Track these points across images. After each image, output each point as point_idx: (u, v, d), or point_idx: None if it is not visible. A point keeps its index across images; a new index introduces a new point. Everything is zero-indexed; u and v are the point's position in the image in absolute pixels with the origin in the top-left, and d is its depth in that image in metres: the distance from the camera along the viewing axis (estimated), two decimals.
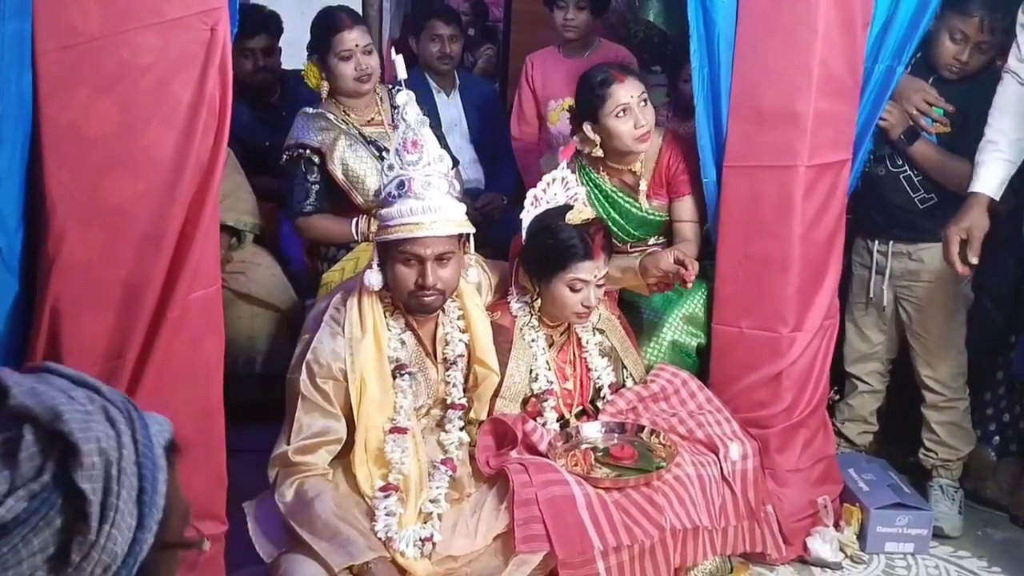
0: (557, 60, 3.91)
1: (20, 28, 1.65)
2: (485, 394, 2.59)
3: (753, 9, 2.76)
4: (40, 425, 0.86)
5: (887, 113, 2.93)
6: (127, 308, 1.92)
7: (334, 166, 3.15)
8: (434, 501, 2.42)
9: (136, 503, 0.90)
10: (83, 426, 0.87)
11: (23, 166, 1.74)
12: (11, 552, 0.82)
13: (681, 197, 3.06)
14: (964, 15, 2.85)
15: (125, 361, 1.93)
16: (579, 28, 3.80)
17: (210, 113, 1.94)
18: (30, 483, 0.84)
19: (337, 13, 3.26)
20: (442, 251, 2.34)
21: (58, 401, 0.88)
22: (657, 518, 2.44)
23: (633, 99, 2.89)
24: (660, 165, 3.06)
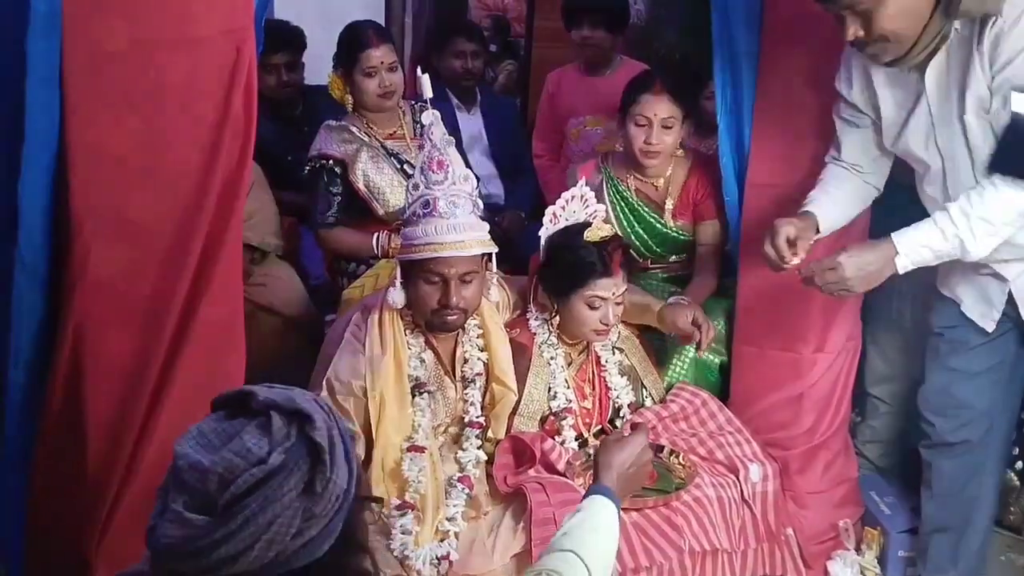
0: (579, 78, 3.93)
1: (48, 46, 1.66)
2: (503, 412, 2.58)
3: (776, 29, 2.75)
4: (282, 409, 1.23)
5: None
6: (150, 325, 1.93)
7: (356, 177, 3.18)
8: (451, 519, 2.41)
9: (345, 460, 1.27)
10: (310, 406, 1.25)
11: (49, 183, 1.76)
12: (278, 488, 1.19)
13: (705, 221, 3.11)
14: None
15: (148, 377, 1.94)
16: (597, 46, 3.80)
17: (235, 132, 1.95)
18: (284, 443, 1.21)
19: (365, 29, 3.28)
20: (466, 270, 2.35)
21: (290, 393, 1.27)
22: (676, 540, 2.43)
23: (656, 117, 2.96)
24: (688, 187, 3.11)
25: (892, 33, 2.12)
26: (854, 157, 2.53)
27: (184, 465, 1.21)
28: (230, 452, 1.20)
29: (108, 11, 1.73)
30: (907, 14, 2.09)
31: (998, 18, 2.05)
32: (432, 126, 2.31)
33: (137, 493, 1.95)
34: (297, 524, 1.20)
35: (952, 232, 2.15)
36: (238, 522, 1.17)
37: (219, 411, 1.28)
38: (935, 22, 2.11)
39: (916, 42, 2.14)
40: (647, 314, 2.81)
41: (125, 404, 1.93)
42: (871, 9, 2.08)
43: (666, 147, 3.01)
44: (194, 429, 1.25)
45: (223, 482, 1.18)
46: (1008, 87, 2.08)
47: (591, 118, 3.89)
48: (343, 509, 1.26)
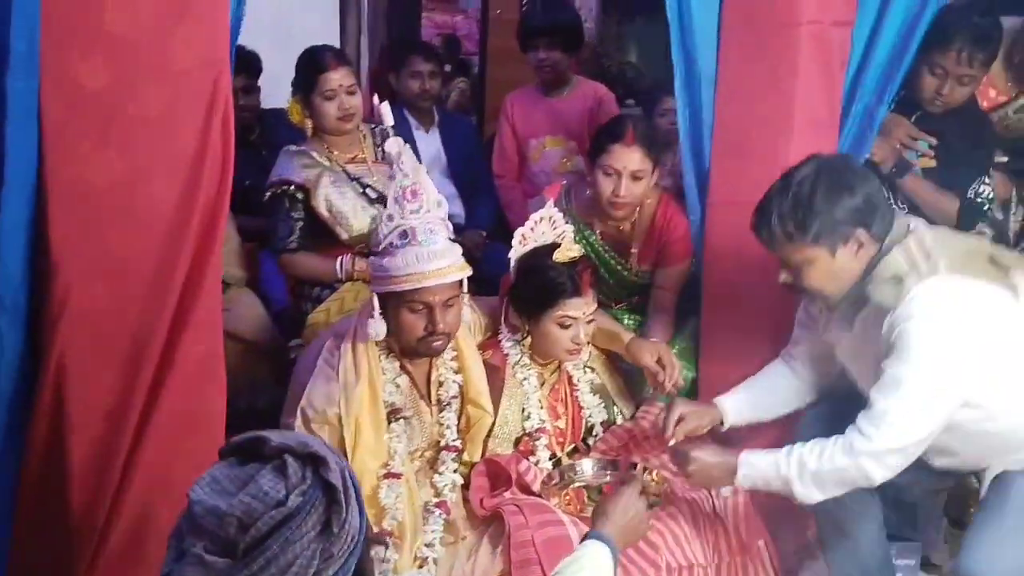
0: (536, 99, 3.95)
1: (28, 86, 1.65)
2: (479, 435, 2.59)
3: (734, 50, 2.81)
4: (295, 452, 1.26)
5: (876, 149, 2.98)
6: (132, 361, 1.91)
7: (318, 202, 3.16)
8: (429, 545, 2.42)
9: (356, 501, 1.30)
10: (323, 448, 1.29)
11: (29, 220, 1.73)
12: (297, 529, 1.22)
13: (666, 266, 3.10)
14: (942, 49, 2.90)
15: (130, 413, 1.92)
16: (553, 68, 3.83)
17: (213, 164, 1.94)
18: (300, 485, 1.24)
19: (323, 53, 3.27)
20: (449, 296, 2.36)
21: (301, 437, 1.32)
22: (653, 557, 2.45)
23: (625, 169, 2.91)
24: (654, 229, 3.10)
25: (814, 288, 2.28)
26: (798, 352, 2.63)
27: (200, 511, 1.22)
28: (248, 496, 1.22)
29: (87, 49, 1.72)
30: (833, 278, 2.25)
31: (892, 317, 2.16)
32: (402, 155, 2.31)
33: (123, 530, 1.94)
34: (316, 565, 1.23)
35: (785, 472, 2.26)
36: (260, 563, 1.20)
37: (229, 458, 1.30)
38: (854, 291, 2.25)
39: (843, 297, 2.29)
40: (615, 342, 2.84)
41: (108, 440, 1.91)
42: (799, 267, 2.24)
43: (635, 198, 2.97)
44: (207, 476, 1.27)
45: (242, 526, 1.21)
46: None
47: (550, 138, 3.92)
48: (357, 549, 1.29)
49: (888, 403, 2.14)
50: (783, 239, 2.22)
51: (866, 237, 2.20)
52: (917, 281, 2.13)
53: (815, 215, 2.17)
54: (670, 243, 3.07)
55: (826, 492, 2.25)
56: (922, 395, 2.11)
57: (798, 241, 2.20)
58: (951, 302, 2.13)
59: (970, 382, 2.12)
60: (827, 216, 2.17)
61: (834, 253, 2.21)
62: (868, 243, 2.21)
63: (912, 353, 2.10)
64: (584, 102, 3.92)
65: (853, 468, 2.18)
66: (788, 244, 2.22)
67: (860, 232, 2.20)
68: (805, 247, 2.21)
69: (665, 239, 3.07)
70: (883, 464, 2.17)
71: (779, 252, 2.26)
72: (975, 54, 2.89)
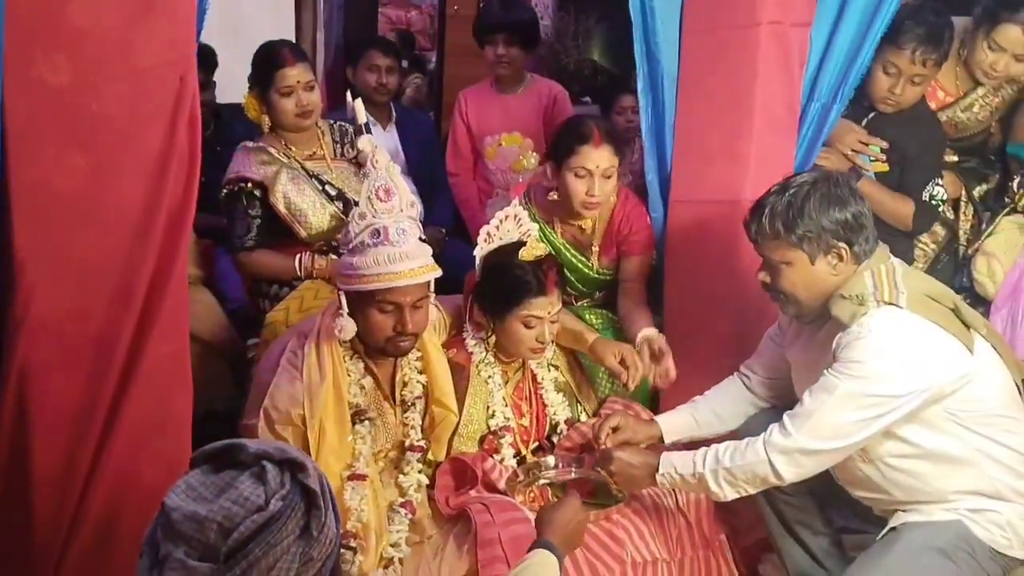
0: (491, 96, 3.94)
1: None
2: (444, 435, 2.59)
3: (695, 50, 2.85)
4: (273, 458, 1.28)
5: (824, 159, 3.03)
6: (97, 365, 1.88)
7: (276, 199, 3.11)
8: (395, 545, 2.41)
9: (332, 506, 1.32)
10: (299, 453, 1.32)
11: None
12: (278, 532, 1.23)
13: (629, 257, 3.09)
14: (896, 48, 2.96)
15: (95, 418, 1.89)
16: (512, 64, 3.83)
17: (180, 163, 1.91)
18: (280, 490, 1.26)
19: (280, 49, 3.22)
20: (418, 297, 2.36)
21: (279, 444, 1.35)
22: (618, 552, 2.47)
23: (598, 168, 2.88)
24: (612, 225, 3.09)
25: (788, 293, 2.33)
26: (759, 366, 2.67)
27: (179, 517, 1.23)
28: (228, 501, 1.23)
29: (50, 44, 1.68)
30: (808, 286, 2.29)
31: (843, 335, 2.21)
32: (376, 153, 2.29)
33: (88, 534, 1.90)
34: (296, 568, 1.25)
35: (700, 470, 2.31)
36: (242, 567, 1.21)
37: (202, 465, 1.31)
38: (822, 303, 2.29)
39: (812, 309, 2.33)
40: (579, 342, 2.85)
41: (72, 446, 1.87)
42: (779, 266, 2.30)
43: (607, 196, 2.96)
44: (182, 483, 1.27)
45: (223, 530, 1.21)
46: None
47: (506, 135, 3.92)
48: (335, 552, 1.31)
49: (815, 404, 2.19)
50: (769, 235, 2.27)
51: (847, 253, 2.25)
52: (875, 306, 2.19)
53: (804, 217, 2.22)
54: (630, 237, 3.07)
55: (738, 490, 2.30)
56: (851, 404, 2.16)
57: (782, 239, 2.26)
58: (902, 332, 2.18)
59: (900, 412, 2.16)
60: (815, 221, 2.22)
61: (813, 260, 2.26)
62: (847, 260, 2.26)
63: (852, 366, 2.16)
64: (539, 100, 3.92)
65: (765, 463, 2.22)
66: (772, 241, 2.28)
67: (842, 247, 2.25)
68: (787, 247, 2.26)
69: (625, 233, 3.07)
70: (794, 462, 2.22)
71: (763, 249, 2.32)
72: (928, 54, 2.96)
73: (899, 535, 2.27)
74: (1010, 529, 2.23)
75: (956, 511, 2.24)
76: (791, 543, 2.60)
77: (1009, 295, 3.07)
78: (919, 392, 2.15)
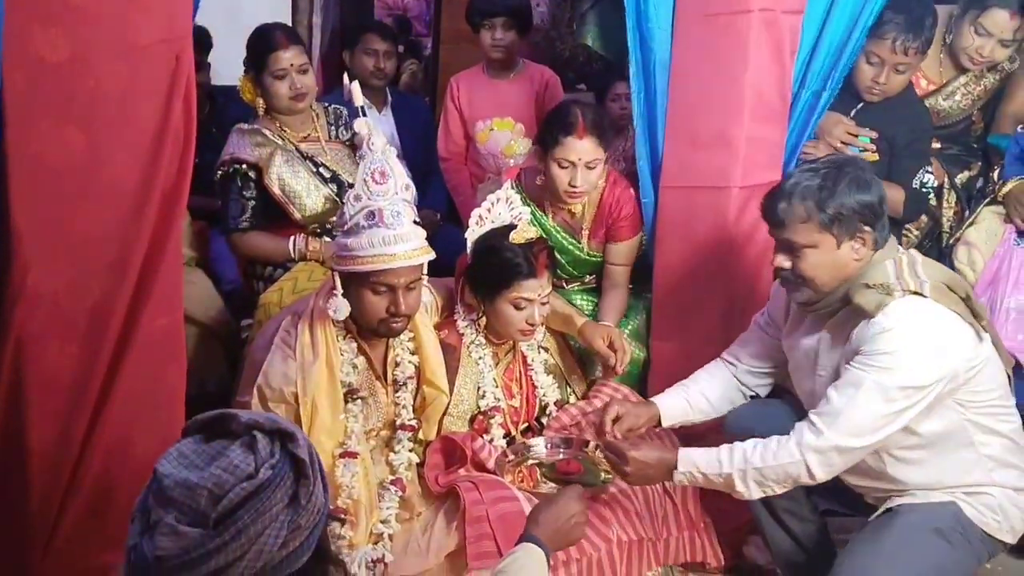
0: (483, 81, 3.94)
1: None
2: (434, 414, 2.62)
3: (688, 36, 2.87)
4: (264, 428, 1.31)
5: (814, 149, 3.05)
6: (92, 337, 1.90)
7: (271, 181, 3.14)
8: (384, 522, 2.44)
9: (321, 476, 1.34)
10: (291, 425, 1.34)
11: None
12: (267, 500, 1.25)
13: (619, 242, 3.12)
14: (878, 38, 2.98)
15: (90, 390, 1.91)
16: (507, 48, 3.84)
17: (175, 141, 1.93)
18: (269, 460, 1.28)
19: (274, 31, 3.24)
20: (412, 279, 2.38)
21: (269, 415, 1.36)
22: (604, 531, 2.50)
23: (580, 161, 2.88)
24: (602, 209, 3.11)
25: (811, 279, 2.27)
26: (745, 355, 2.66)
27: (170, 484, 1.25)
28: (219, 469, 1.25)
29: (48, 22, 1.69)
30: (829, 270, 2.25)
31: (867, 326, 2.19)
32: (372, 135, 2.32)
33: (82, 505, 1.93)
34: (284, 535, 1.27)
35: (727, 470, 2.27)
36: (231, 533, 1.22)
37: (195, 435, 1.33)
38: (843, 288, 2.26)
39: (828, 296, 2.29)
40: (569, 325, 2.89)
41: (67, 418, 1.89)
42: (802, 250, 2.24)
43: (591, 186, 2.96)
44: (173, 451, 1.30)
45: (213, 497, 1.24)
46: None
47: (498, 120, 3.92)
48: (322, 521, 1.33)
49: (844, 400, 2.17)
50: (798, 218, 2.22)
51: (870, 239, 2.23)
52: (901, 295, 2.17)
53: (836, 199, 2.19)
54: (619, 221, 3.10)
55: (765, 490, 2.28)
56: (881, 397, 2.14)
57: (812, 221, 2.21)
58: (930, 322, 2.17)
59: (925, 402, 2.16)
60: (845, 204, 2.19)
61: (840, 244, 2.22)
62: (868, 245, 2.24)
63: (880, 358, 2.14)
64: (531, 85, 3.93)
65: (798, 464, 2.20)
66: (801, 224, 2.22)
67: (867, 231, 2.22)
68: (816, 230, 2.22)
69: (614, 217, 3.10)
70: (828, 461, 2.21)
71: (787, 232, 2.25)
72: (909, 43, 2.98)
73: (894, 516, 2.29)
74: (1001, 513, 2.26)
75: (951, 493, 2.27)
76: (776, 528, 2.62)
77: (988, 284, 3.10)
78: (943, 381, 2.15)
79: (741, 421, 2.59)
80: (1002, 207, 3.04)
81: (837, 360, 2.30)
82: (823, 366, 2.36)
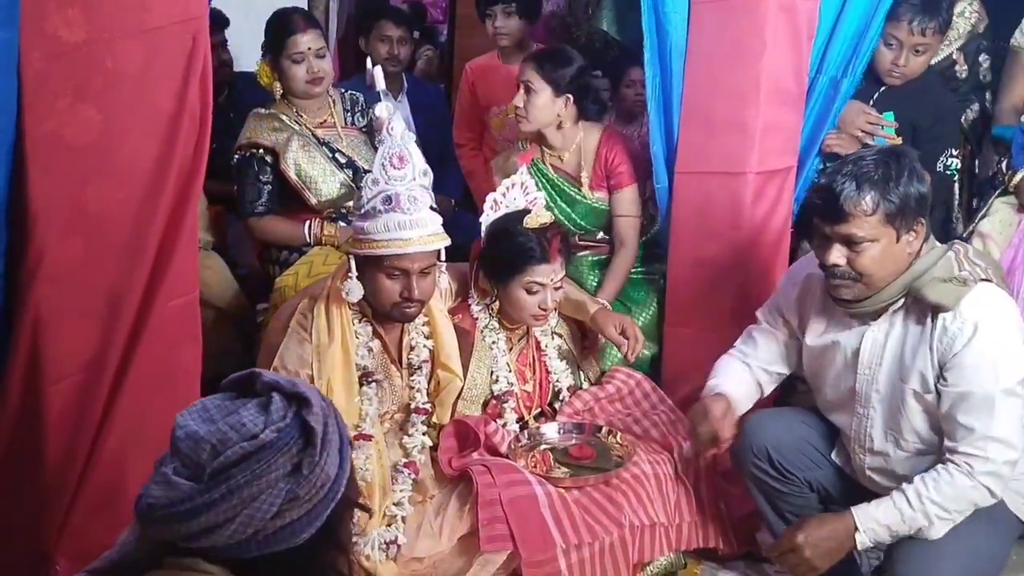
0: (496, 67, 3.93)
1: (7, 37, 1.63)
2: (448, 398, 2.63)
3: (704, 21, 2.86)
4: (283, 391, 1.27)
5: (837, 140, 3.01)
6: (108, 316, 1.91)
7: (287, 166, 3.16)
8: (398, 504, 2.46)
9: (338, 453, 1.29)
10: (311, 391, 1.29)
11: (7, 175, 1.72)
12: (266, 464, 1.21)
13: (620, 189, 3.18)
14: (894, 20, 2.94)
15: (106, 368, 1.93)
16: (511, 35, 3.81)
17: (191, 121, 1.95)
18: (278, 423, 1.24)
19: (292, 15, 3.26)
20: (426, 264, 2.39)
21: (295, 380, 1.32)
22: (616, 515, 2.50)
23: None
24: (599, 158, 3.18)
25: (867, 273, 2.20)
26: (756, 358, 2.61)
27: (181, 434, 1.24)
28: (226, 425, 1.23)
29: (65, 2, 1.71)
30: (886, 265, 2.19)
31: (949, 321, 2.17)
32: (391, 120, 2.32)
33: (97, 484, 1.95)
34: (279, 504, 1.22)
35: (909, 516, 2.21)
36: (221, 491, 1.19)
37: (228, 391, 1.32)
38: (899, 283, 2.22)
39: (880, 292, 2.24)
40: (581, 312, 2.89)
41: (84, 396, 1.91)
42: (864, 244, 2.17)
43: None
44: (198, 403, 1.29)
45: (214, 452, 1.21)
46: (952, 394, 2.20)
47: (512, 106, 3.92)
48: (328, 499, 1.27)
49: (985, 421, 2.15)
50: (862, 212, 2.14)
51: (922, 231, 2.20)
52: (975, 283, 2.16)
53: (901, 190, 2.15)
54: (617, 168, 3.17)
55: (954, 521, 2.22)
56: (1015, 405, 2.16)
57: (878, 214, 2.15)
58: (1008, 309, 2.18)
59: None
60: (910, 195, 2.15)
61: (899, 237, 2.17)
62: (920, 238, 2.21)
63: (990, 368, 2.14)
64: None
65: (978, 489, 2.18)
66: (862, 219, 2.15)
67: (921, 223, 2.19)
68: (881, 223, 2.16)
69: (612, 166, 3.16)
70: (1001, 479, 2.19)
71: (849, 227, 2.17)
72: (926, 23, 2.94)
73: None
74: None
75: None
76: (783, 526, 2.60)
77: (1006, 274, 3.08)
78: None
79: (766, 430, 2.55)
80: (1014, 197, 3.01)
81: (900, 357, 2.27)
82: (869, 364, 2.33)
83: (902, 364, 2.28)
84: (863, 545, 2.28)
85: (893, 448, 2.36)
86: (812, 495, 2.56)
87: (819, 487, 2.55)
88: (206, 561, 1.23)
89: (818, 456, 2.56)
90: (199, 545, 1.21)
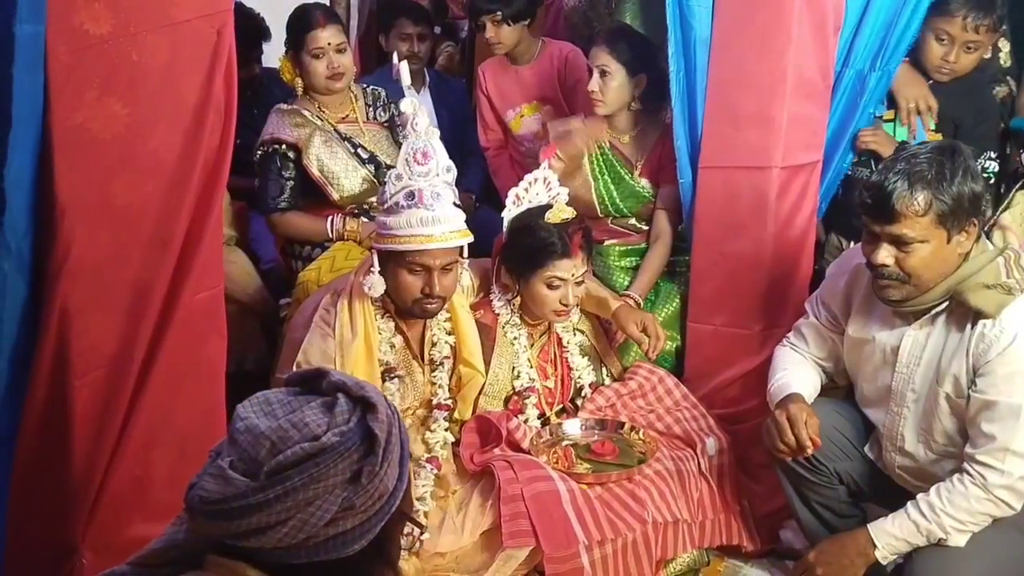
0: (506, 68, 3.89)
1: (34, 31, 1.63)
2: (470, 394, 2.63)
3: (728, 14, 2.83)
4: (350, 393, 1.23)
5: (873, 138, 2.94)
6: (134, 309, 1.92)
7: (309, 161, 3.17)
8: (420, 499, 2.46)
9: (399, 464, 1.24)
10: (378, 396, 1.24)
11: (34, 168, 1.73)
12: (325, 468, 1.16)
13: (668, 184, 3.15)
14: (947, 15, 2.85)
15: (132, 361, 1.93)
16: (504, 44, 3.75)
17: (216, 115, 1.95)
18: (342, 426, 1.19)
19: (312, 10, 3.27)
20: (448, 261, 2.40)
21: (362, 382, 1.26)
22: (639, 512, 2.50)
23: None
24: (658, 148, 3.19)
25: (916, 274, 2.16)
26: (809, 352, 2.60)
27: (241, 427, 1.19)
28: (288, 423, 1.18)
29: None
30: (936, 266, 2.15)
31: (988, 328, 2.14)
32: (416, 115, 2.32)
33: (123, 476, 1.95)
34: (334, 512, 1.17)
35: (925, 528, 2.22)
36: (277, 492, 1.14)
37: (293, 387, 1.28)
38: (944, 285, 2.18)
39: (927, 292, 2.20)
40: (603, 309, 2.88)
41: (110, 389, 1.91)
42: (913, 244, 2.12)
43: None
44: (261, 396, 1.24)
45: (274, 450, 1.16)
46: (979, 400, 2.18)
47: (526, 106, 3.90)
48: (384, 512, 1.22)
49: (1007, 433, 2.13)
50: (913, 212, 2.10)
51: (974, 232, 2.15)
52: (1018, 294, 2.12)
53: (955, 189, 2.09)
54: (671, 161, 3.07)
55: (972, 531, 2.22)
56: None
57: (930, 214, 2.10)
58: None
59: None
60: (964, 195, 2.10)
61: (950, 238, 2.12)
62: (971, 238, 2.16)
63: (1022, 383, 2.11)
64: (551, 65, 3.87)
65: (992, 502, 2.17)
66: (916, 218, 2.10)
67: (974, 224, 2.14)
68: (933, 223, 2.11)
69: (667, 159, 3.12)
70: (1017, 491, 2.17)
71: (900, 226, 2.12)
72: (980, 20, 2.85)
73: None
74: None
75: None
76: (812, 518, 2.59)
77: None
78: None
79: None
80: None
81: (938, 360, 2.25)
82: (907, 363, 2.31)
83: (939, 367, 2.26)
84: (885, 560, 2.28)
85: (924, 449, 2.35)
86: (841, 487, 2.54)
87: (849, 479, 2.54)
88: (250, 565, 1.19)
89: (850, 448, 2.54)
90: (247, 545, 1.17)
